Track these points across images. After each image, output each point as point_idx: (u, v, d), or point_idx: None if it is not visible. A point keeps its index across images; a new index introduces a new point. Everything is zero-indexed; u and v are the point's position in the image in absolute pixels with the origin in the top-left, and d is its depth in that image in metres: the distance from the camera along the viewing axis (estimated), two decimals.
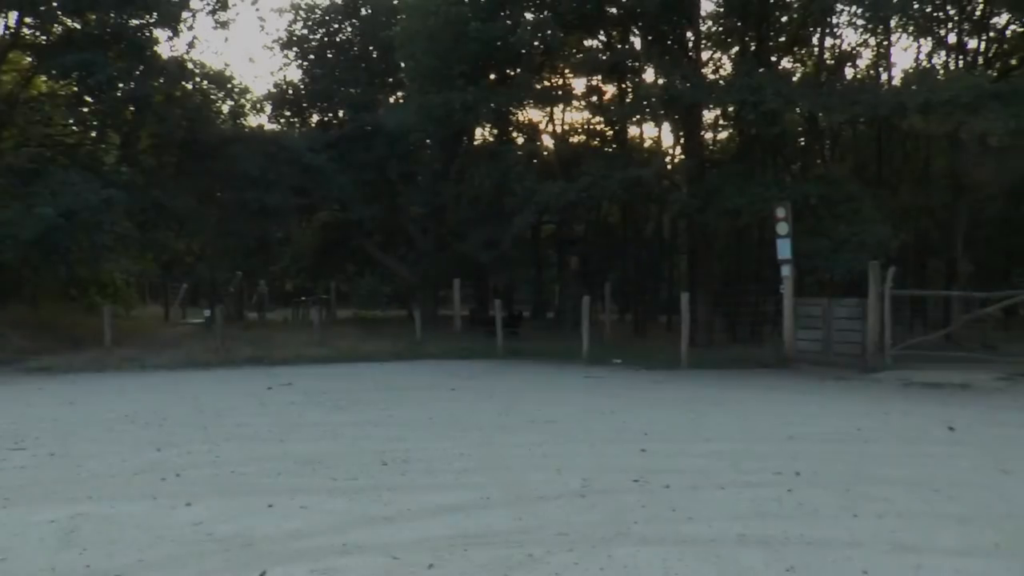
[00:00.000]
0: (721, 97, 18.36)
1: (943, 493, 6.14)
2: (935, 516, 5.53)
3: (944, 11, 24.03)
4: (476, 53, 19.47)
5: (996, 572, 4.48)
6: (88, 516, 5.50)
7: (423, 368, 16.26)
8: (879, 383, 13.75)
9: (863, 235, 17.63)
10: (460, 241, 24.90)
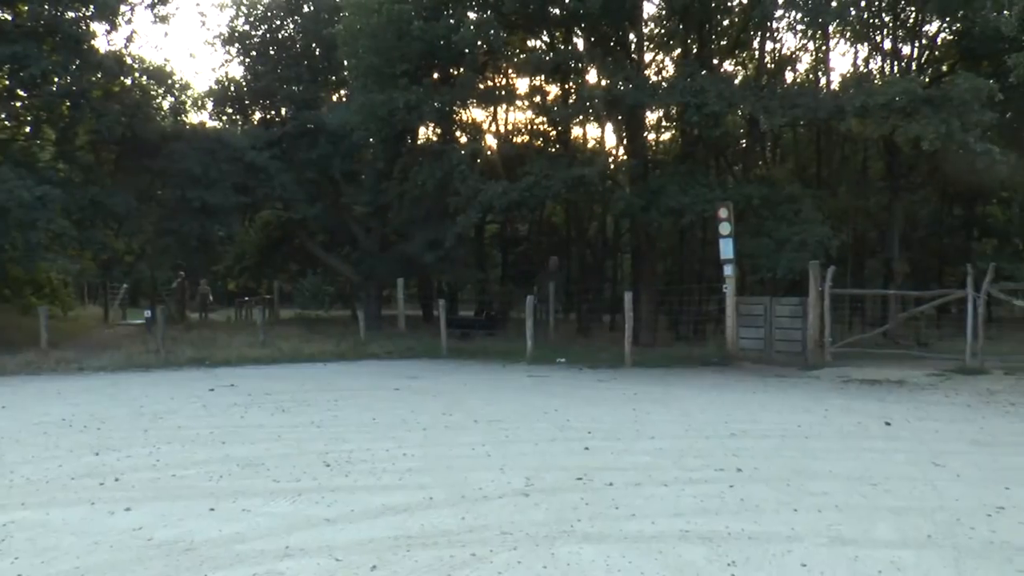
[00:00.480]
0: (663, 99, 18.53)
1: (880, 487, 6.28)
2: (872, 509, 5.66)
3: (879, 18, 24.62)
4: (419, 52, 19.39)
5: (929, 562, 4.59)
6: (21, 523, 5.37)
7: (367, 368, 16.17)
8: (819, 380, 14.01)
9: (804, 235, 17.95)
10: (404, 241, 24.77)
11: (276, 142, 24.48)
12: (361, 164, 26.41)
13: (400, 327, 21.86)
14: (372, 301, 25.86)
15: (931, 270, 31.27)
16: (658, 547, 4.79)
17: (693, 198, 18.40)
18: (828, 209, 22.67)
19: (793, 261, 17.69)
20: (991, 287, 15.28)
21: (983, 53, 21.38)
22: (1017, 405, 10.94)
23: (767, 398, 11.71)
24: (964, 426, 9.31)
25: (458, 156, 20.09)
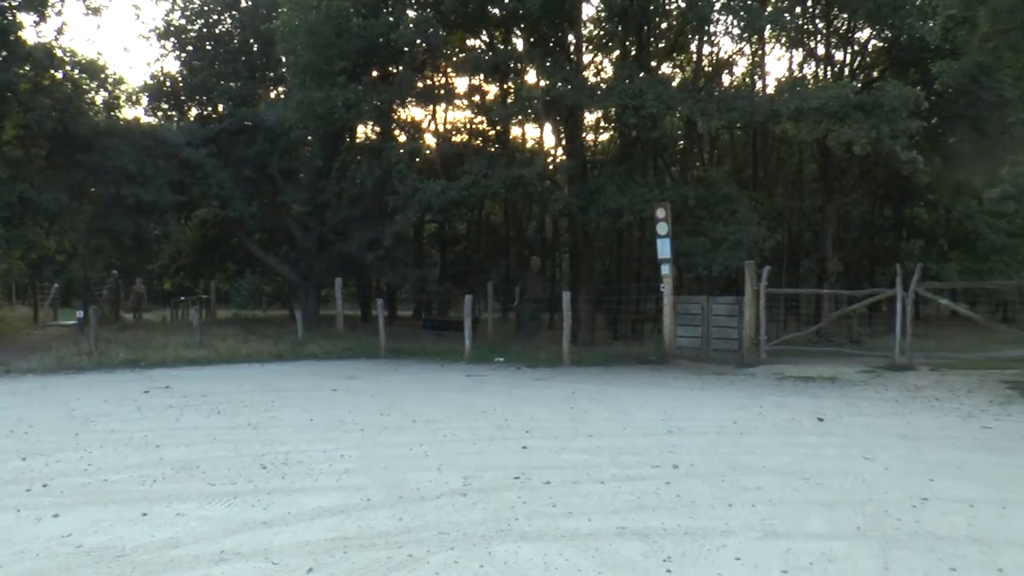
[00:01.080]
0: (602, 100, 18.68)
1: (812, 481, 6.42)
2: (804, 503, 5.78)
3: (813, 24, 25.13)
4: (358, 49, 19.27)
5: (858, 552, 4.72)
6: None
7: (305, 369, 16.01)
8: (754, 377, 14.24)
9: (739, 235, 18.25)
10: (342, 240, 24.62)
11: (213, 139, 24.12)
12: (299, 162, 26.18)
13: (338, 327, 21.69)
14: (310, 301, 25.64)
15: (863, 270, 32.02)
16: (595, 544, 4.84)
17: (631, 198, 18.58)
18: (764, 210, 23.06)
19: (728, 260, 17.99)
20: (919, 286, 15.69)
21: (911, 60, 22.00)
22: (942, 400, 11.26)
23: (704, 395, 11.89)
24: (892, 421, 9.56)
25: (397, 155, 20.03)
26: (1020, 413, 10.18)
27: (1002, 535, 5.05)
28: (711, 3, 18.96)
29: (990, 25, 12.39)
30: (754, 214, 19.77)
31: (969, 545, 4.82)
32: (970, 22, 12.85)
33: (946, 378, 13.59)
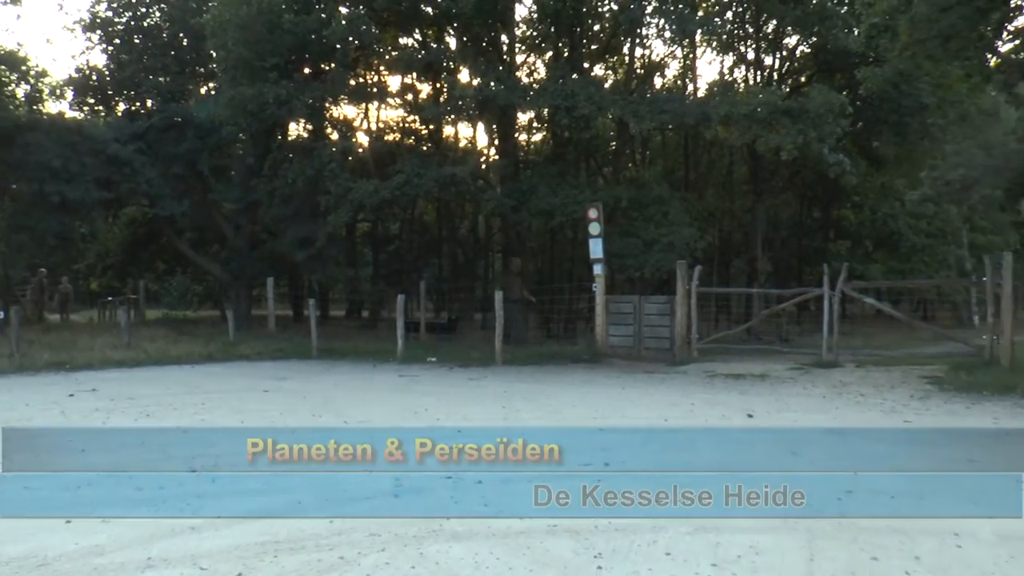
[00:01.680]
0: (534, 101, 18.78)
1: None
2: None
3: (743, 29, 25.57)
4: (290, 45, 19.07)
5: (785, 545, 4.84)
6: None
7: (236, 370, 15.78)
8: (686, 375, 14.45)
9: (671, 237, 18.50)
10: (274, 239, 24.32)
11: (141, 135, 23.56)
12: (230, 160, 25.79)
13: (270, 327, 21.41)
14: (242, 301, 25.24)
15: (792, 269, 32.67)
16: (526, 542, 4.87)
17: (563, 199, 18.71)
18: (695, 211, 23.41)
19: (661, 261, 18.23)
20: (845, 286, 16.06)
21: (837, 66, 22.52)
22: (866, 396, 11.58)
23: (636, 393, 12.03)
24: (819, 416, 9.81)
25: (329, 153, 19.87)
26: (938, 408, 10.52)
27: (921, 525, 5.22)
28: (643, 6, 19.18)
29: (910, 34, 12.78)
30: (686, 215, 20.06)
31: (890, 535, 4.97)
32: (892, 31, 13.24)
33: (870, 374, 13.97)
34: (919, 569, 4.46)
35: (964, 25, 12.40)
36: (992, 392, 11.68)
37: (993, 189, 12.98)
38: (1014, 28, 13.18)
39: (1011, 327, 13.79)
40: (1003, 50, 13.34)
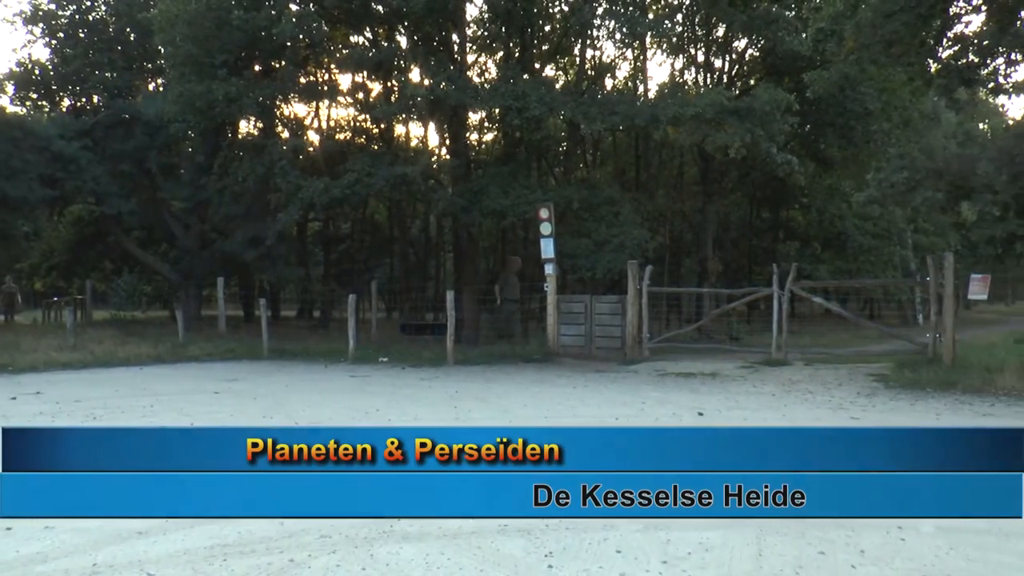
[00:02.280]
0: (485, 101, 18.76)
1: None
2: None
3: (693, 32, 25.84)
4: (239, 42, 18.87)
5: (734, 541, 4.90)
6: None
7: (185, 371, 15.57)
8: (637, 374, 14.54)
9: (623, 237, 18.63)
10: (224, 238, 24.03)
11: (87, 132, 23.14)
12: (179, 157, 25.44)
13: (221, 328, 21.16)
14: (191, 301, 24.91)
15: (742, 269, 33.07)
16: (477, 542, 4.88)
17: (514, 199, 18.75)
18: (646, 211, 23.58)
19: (612, 262, 18.36)
20: (794, 285, 16.30)
21: (785, 70, 22.86)
22: (815, 393, 11.77)
23: (587, 393, 12.08)
24: (768, 414, 9.94)
25: (280, 151, 19.69)
26: (883, 404, 10.74)
27: (865, 520, 5.32)
28: (593, 8, 19.29)
29: (855, 39, 13.02)
30: (636, 216, 20.21)
31: (836, 530, 5.05)
32: (837, 36, 13.48)
33: (819, 372, 14.21)
34: (864, 562, 4.55)
35: (906, 31, 12.67)
36: (935, 389, 11.98)
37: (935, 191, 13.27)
38: (954, 35, 13.50)
39: (952, 325, 14.12)
40: (943, 56, 13.66)
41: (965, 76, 13.18)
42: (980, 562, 4.55)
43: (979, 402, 10.94)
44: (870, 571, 4.42)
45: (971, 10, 13.34)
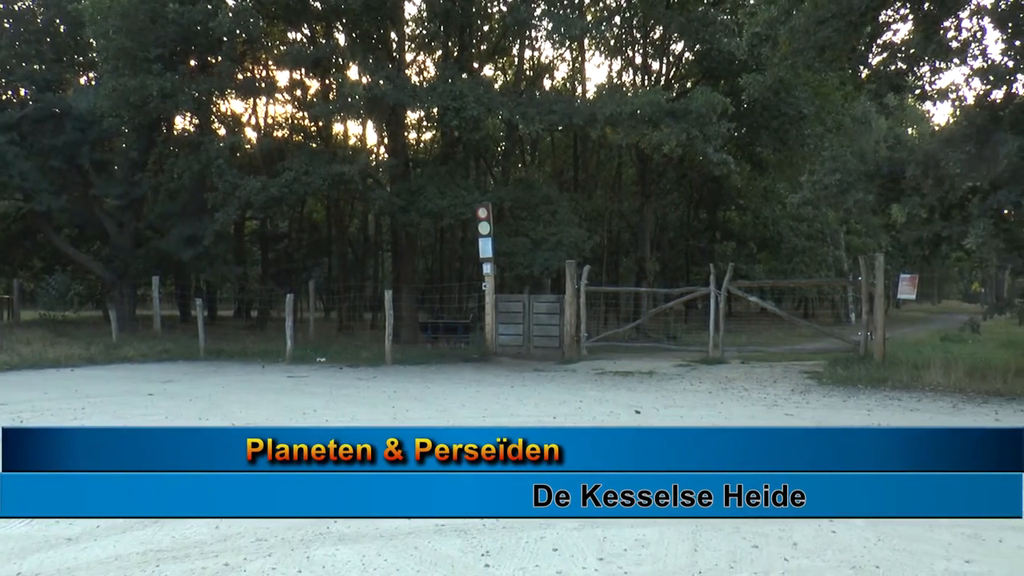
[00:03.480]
0: (424, 100, 18.71)
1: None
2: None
3: (631, 34, 26.07)
4: (174, 37, 18.55)
5: (670, 537, 4.97)
6: None
7: (119, 373, 15.25)
8: (575, 373, 14.63)
9: (560, 236, 18.73)
10: (160, 236, 23.58)
11: (14, 126, 22.44)
12: (113, 153, 24.86)
13: (156, 328, 20.78)
14: (125, 301, 24.36)
15: (679, 269, 33.49)
16: (414, 543, 4.88)
17: (452, 199, 18.76)
18: (584, 211, 23.75)
19: (549, 260, 18.47)
20: (730, 285, 16.57)
21: (721, 73, 23.21)
22: (750, 391, 11.99)
23: (525, 392, 12.12)
24: (705, 411, 10.09)
25: (216, 149, 19.38)
26: (817, 401, 10.97)
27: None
28: (531, 9, 19.35)
29: (789, 44, 13.28)
30: (574, 215, 20.35)
31: (770, 524, 5.16)
32: (772, 40, 13.72)
33: (754, 370, 14.47)
34: (796, 555, 4.65)
35: (838, 38, 12.96)
36: (866, 385, 12.32)
37: (866, 194, 13.56)
38: (883, 42, 13.84)
39: (883, 324, 14.49)
40: (873, 63, 14.00)
41: (893, 82, 13.53)
42: (906, 552, 4.68)
43: (907, 397, 11.25)
44: (802, 563, 4.52)
45: (899, 19, 13.70)
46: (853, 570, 4.41)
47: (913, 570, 4.41)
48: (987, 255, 13.46)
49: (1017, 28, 11.75)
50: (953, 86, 13.41)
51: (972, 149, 12.19)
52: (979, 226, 11.89)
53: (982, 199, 12.71)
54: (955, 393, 11.58)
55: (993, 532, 5.01)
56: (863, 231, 33.24)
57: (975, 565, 4.49)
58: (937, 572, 4.39)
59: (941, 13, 12.89)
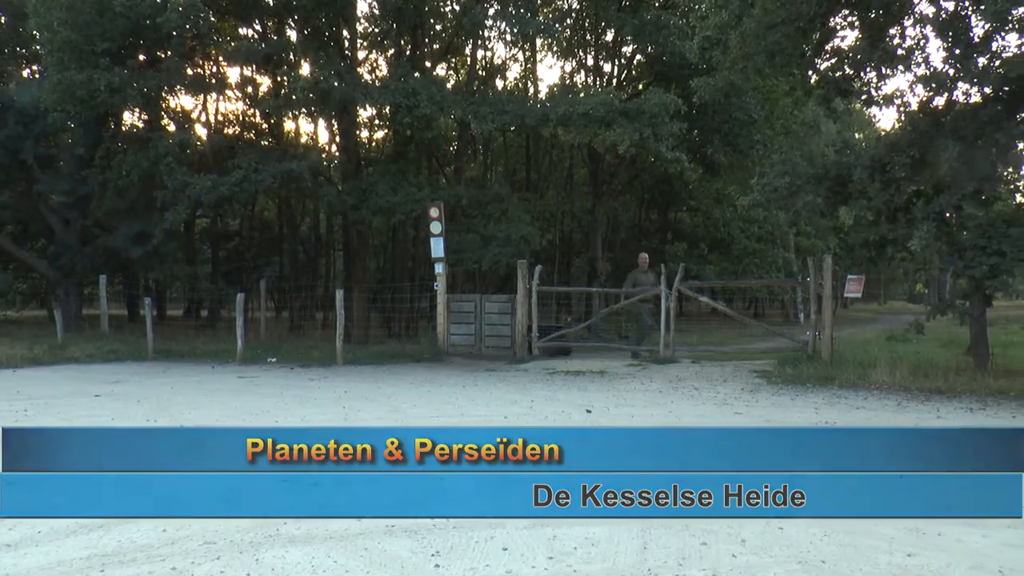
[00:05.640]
0: (375, 98, 18.63)
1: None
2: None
3: (583, 36, 26.22)
4: (122, 30, 18.21)
5: (619, 535, 4.99)
6: None
7: (64, 374, 14.95)
8: (527, 372, 14.66)
9: (509, 231, 18.81)
10: (108, 234, 23.19)
11: None
12: (58, 149, 24.38)
13: (103, 328, 20.42)
14: (71, 300, 23.89)
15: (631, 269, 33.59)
16: (363, 544, 4.86)
17: (404, 197, 18.72)
18: (536, 210, 23.83)
19: (499, 255, 18.51)
20: (681, 285, 16.70)
21: (673, 76, 23.43)
22: (700, 390, 12.11)
23: (476, 392, 12.13)
24: (655, 410, 10.16)
25: (165, 145, 19.10)
26: (766, 399, 11.12)
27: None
28: (485, 9, 19.37)
29: (740, 48, 13.45)
30: (526, 214, 20.42)
31: (719, 522, 5.19)
32: (723, 44, 13.89)
33: (705, 369, 14.63)
34: (744, 551, 4.71)
35: (788, 43, 13.16)
36: (814, 384, 12.52)
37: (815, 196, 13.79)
38: (831, 48, 14.09)
39: (831, 323, 14.73)
40: (822, 68, 14.24)
41: (841, 87, 13.76)
42: (851, 547, 4.77)
43: (854, 396, 11.46)
44: (750, 560, 4.58)
45: (846, 26, 13.95)
46: (800, 565, 4.48)
47: (858, 564, 4.49)
48: (930, 257, 13.75)
49: (957, 37, 12.03)
50: (898, 92, 13.68)
51: (916, 154, 12.47)
52: (923, 229, 12.15)
53: (926, 202, 13.00)
54: (900, 391, 11.81)
55: (933, 526, 5.13)
56: (812, 233, 33.79)
57: (916, 558, 4.60)
58: (881, 565, 4.48)
59: (887, 21, 13.15)
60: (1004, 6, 10.94)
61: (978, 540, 4.93)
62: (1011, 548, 4.81)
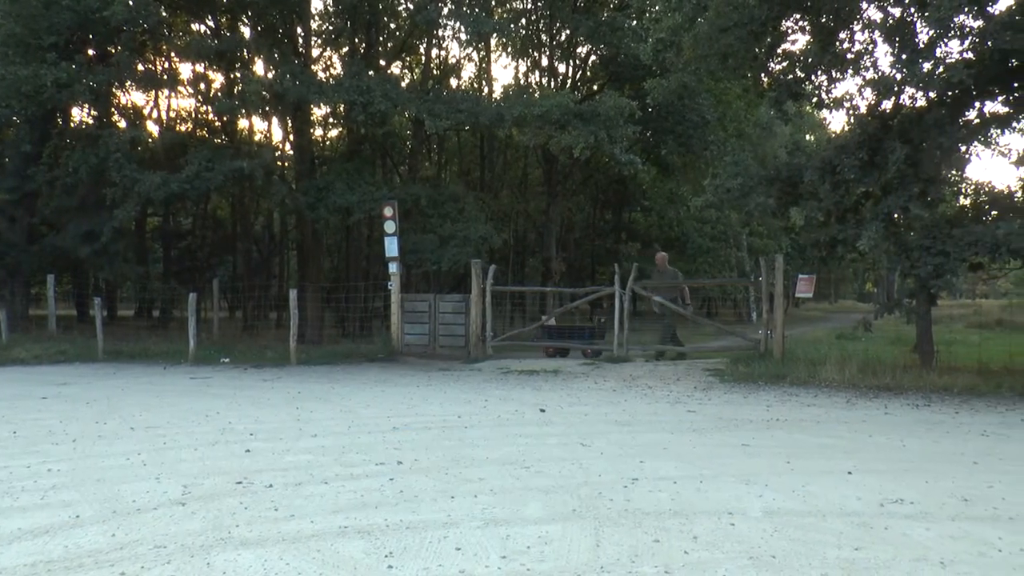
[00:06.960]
0: (329, 96, 18.51)
1: (532, 469, 6.74)
2: (524, 490, 6.04)
3: (538, 36, 26.30)
4: (70, 24, 17.91)
5: (572, 533, 5.01)
6: None
7: (10, 376, 14.67)
8: (480, 372, 14.70)
9: (467, 232, 18.81)
10: (56, 232, 22.75)
11: None
12: (3, 145, 23.86)
13: (51, 328, 20.03)
14: (17, 299, 23.37)
15: (585, 269, 33.91)
16: (317, 546, 4.82)
17: (359, 196, 18.65)
18: (490, 210, 23.85)
19: (457, 256, 18.52)
20: (635, 285, 16.81)
21: (627, 77, 23.60)
22: (654, 388, 12.23)
23: (430, 391, 12.12)
24: (609, 409, 10.24)
25: (115, 142, 18.79)
26: (719, 398, 11.27)
27: (699, 507, 5.59)
28: (439, 8, 19.33)
29: (693, 51, 13.60)
30: (481, 213, 20.43)
31: (671, 518, 5.28)
32: (677, 47, 14.02)
33: (658, 368, 14.77)
34: (696, 547, 4.76)
35: (740, 46, 13.33)
36: (766, 382, 12.73)
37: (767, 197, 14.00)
38: (782, 51, 14.29)
39: (782, 322, 14.93)
40: (774, 71, 14.44)
41: (793, 90, 13.97)
42: (801, 542, 4.84)
43: (804, 393, 11.64)
44: (702, 555, 4.62)
45: (798, 29, 14.17)
46: (751, 560, 4.53)
47: (807, 558, 4.56)
48: (878, 257, 14.00)
49: (903, 43, 12.27)
50: (848, 95, 13.93)
51: (865, 156, 12.70)
52: (871, 229, 12.39)
53: (874, 204, 13.24)
54: (849, 388, 12.03)
55: (880, 520, 5.24)
56: (764, 233, 34.24)
57: (863, 552, 4.68)
58: (829, 559, 4.55)
59: (836, 26, 13.39)
60: (947, 13, 11.19)
61: (922, 533, 5.03)
62: (952, 540, 4.92)
